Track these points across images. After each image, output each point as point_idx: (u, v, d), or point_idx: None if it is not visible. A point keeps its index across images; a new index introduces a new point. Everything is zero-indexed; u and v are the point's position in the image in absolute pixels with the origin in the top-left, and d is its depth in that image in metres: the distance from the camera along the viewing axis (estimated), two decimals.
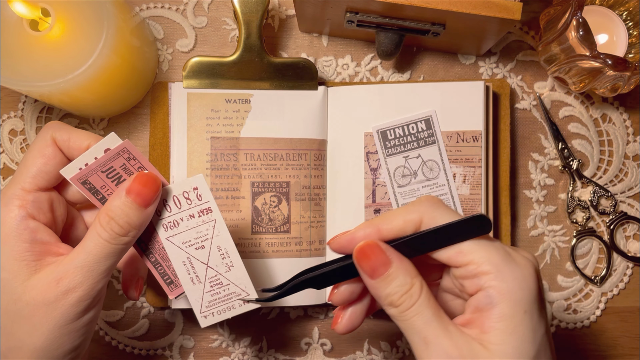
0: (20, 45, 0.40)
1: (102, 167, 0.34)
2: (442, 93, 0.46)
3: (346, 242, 0.32)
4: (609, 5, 0.48)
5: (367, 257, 0.30)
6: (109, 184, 0.34)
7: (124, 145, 0.34)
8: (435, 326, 0.29)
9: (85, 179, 0.34)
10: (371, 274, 0.30)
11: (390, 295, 0.30)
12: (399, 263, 0.30)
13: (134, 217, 0.33)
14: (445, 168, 0.46)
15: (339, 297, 0.34)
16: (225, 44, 0.51)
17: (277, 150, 0.46)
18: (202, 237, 0.36)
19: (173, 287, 0.37)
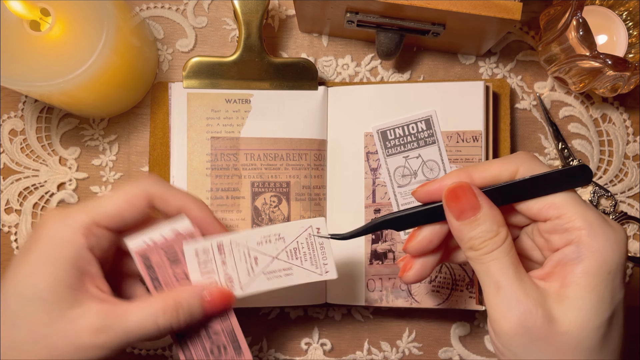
0: (20, 45, 0.40)
1: (165, 246, 0.35)
2: (442, 93, 0.46)
3: (435, 189, 0.32)
4: (609, 5, 0.48)
5: (458, 198, 0.30)
6: (165, 262, 0.35)
7: (192, 232, 0.35)
8: (510, 274, 0.29)
9: (146, 254, 0.35)
10: (458, 215, 0.30)
11: (473, 238, 0.30)
12: (488, 209, 0.30)
13: (195, 317, 0.34)
14: (445, 168, 0.46)
15: (417, 245, 0.34)
16: (225, 44, 0.51)
17: (277, 150, 0.46)
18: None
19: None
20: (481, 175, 0.31)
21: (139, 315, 0.33)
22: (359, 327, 0.50)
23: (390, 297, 0.46)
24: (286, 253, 0.36)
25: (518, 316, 0.28)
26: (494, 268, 0.30)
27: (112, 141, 0.50)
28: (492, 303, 0.30)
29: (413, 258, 0.35)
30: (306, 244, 0.36)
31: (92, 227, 0.33)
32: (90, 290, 0.33)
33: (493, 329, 0.30)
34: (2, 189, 0.49)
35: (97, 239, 0.34)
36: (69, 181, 0.49)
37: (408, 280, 0.35)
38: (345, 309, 0.50)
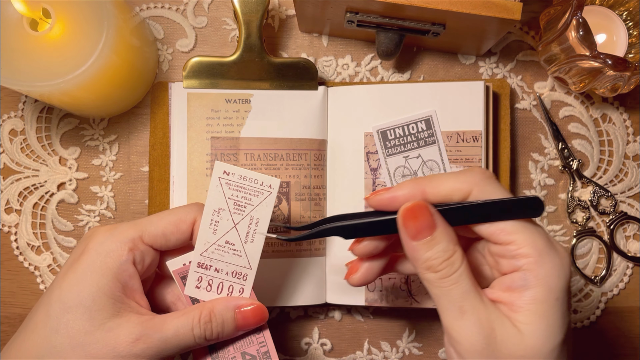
0: (20, 45, 0.40)
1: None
2: (442, 93, 0.46)
3: (387, 200, 0.32)
4: (609, 5, 0.48)
5: (415, 217, 0.30)
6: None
7: None
8: (472, 297, 0.29)
9: (185, 274, 0.36)
10: (414, 235, 0.30)
11: (430, 259, 0.30)
12: (443, 228, 0.30)
13: (226, 332, 0.35)
14: (445, 168, 0.46)
15: (363, 249, 0.34)
16: (225, 44, 0.51)
17: (277, 150, 0.46)
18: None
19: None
20: (434, 191, 0.31)
21: (176, 324, 0.33)
22: (359, 327, 0.50)
23: (390, 297, 0.46)
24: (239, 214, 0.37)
25: (484, 337, 0.29)
26: (456, 292, 0.30)
27: (112, 141, 0.50)
28: (455, 326, 0.30)
29: (360, 261, 0.35)
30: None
31: (137, 242, 0.34)
32: (130, 303, 0.34)
33: (456, 351, 0.30)
34: (2, 189, 0.49)
35: (141, 254, 0.34)
36: (69, 181, 0.49)
37: (353, 284, 0.35)
38: (345, 309, 0.50)
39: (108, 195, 0.49)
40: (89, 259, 0.33)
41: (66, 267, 0.34)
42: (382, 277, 0.46)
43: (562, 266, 0.30)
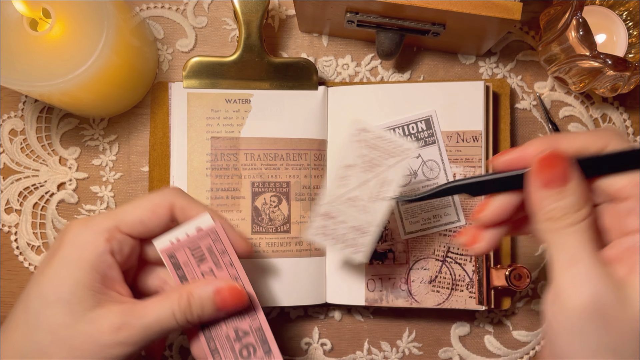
0: (20, 45, 0.40)
1: (190, 244, 0.36)
2: (442, 93, 0.46)
3: (517, 159, 0.31)
4: (609, 5, 0.48)
5: (551, 165, 0.29)
6: (191, 261, 0.36)
7: (213, 227, 0.36)
8: (587, 251, 0.28)
9: (172, 252, 0.36)
10: (546, 183, 0.29)
11: (555, 209, 0.29)
12: (578, 182, 0.29)
13: (207, 313, 0.34)
14: (445, 168, 0.46)
15: (490, 215, 0.32)
16: (226, 44, 0.51)
17: (277, 150, 0.46)
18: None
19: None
20: (569, 144, 0.30)
21: (157, 310, 0.33)
22: (359, 327, 0.50)
23: (390, 297, 0.46)
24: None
25: (593, 293, 0.27)
26: (572, 241, 0.28)
27: (112, 141, 0.50)
28: (564, 276, 0.28)
29: (479, 230, 0.34)
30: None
31: (114, 232, 0.34)
32: (110, 293, 0.34)
33: (559, 303, 0.28)
34: (2, 189, 0.49)
35: (119, 244, 0.34)
36: (69, 181, 0.49)
37: (479, 252, 0.34)
38: (345, 309, 0.50)
39: (108, 195, 0.49)
40: (65, 253, 0.33)
41: (44, 263, 0.34)
42: (382, 277, 0.46)
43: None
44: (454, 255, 0.45)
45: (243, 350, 0.36)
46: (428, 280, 0.46)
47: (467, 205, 0.46)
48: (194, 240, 0.36)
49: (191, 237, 0.36)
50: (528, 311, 0.50)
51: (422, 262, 0.46)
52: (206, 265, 0.36)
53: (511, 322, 0.50)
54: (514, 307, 0.50)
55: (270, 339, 0.36)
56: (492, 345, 0.50)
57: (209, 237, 0.36)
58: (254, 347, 0.36)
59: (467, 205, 0.46)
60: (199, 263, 0.36)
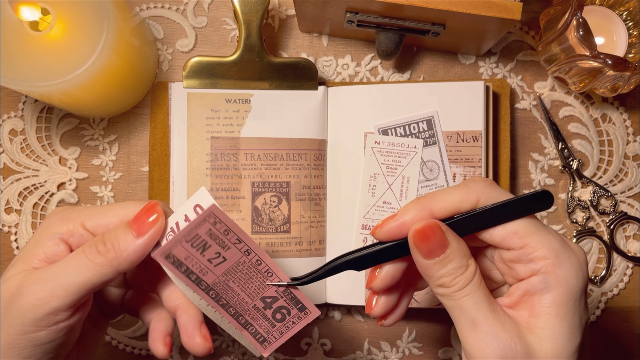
0: (20, 45, 0.40)
1: (186, 237, 0.32)
2: (442, 93, 0.46)
3: (396, 229, 0.31)
4: (609, 5, 0.48)
5: (427, 238, 0.29)
6: (193, 254, 0.33)
7: (210, 211, 0.32)
8: (485, 308, 0.29)
9: (168, 252, 0.32)
10: (427, 254, 0.30)
11: (443, 276, 0.30)
12: (456, 245, 0.30)
13: (122, 242, 0.31)
14: (445, 169, 0.46)
15: (381, 283, 0.33)
16: (226, 44, 0.51)
17: (277, 150, 0.46)
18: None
19: (267, 344, 0.36)
20: (441, 207, 0.30)
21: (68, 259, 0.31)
22: (359, 327, 0.50)
23: None
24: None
25: (498, 352, 0.28)
26: (468, 304, 0.29)
27: (112, 141, 0.50)
28: (468, 340, 0.29)
29: (374, 295, 0.34)
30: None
31: (77, 226, 0.33)
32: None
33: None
34: (2, 189, 0.49)
35: (79, 238, 0.33)
36: (69, 181, 0.49)
37: (375, 315, 0.34)
38: (345, 309, 0.50)
39: (108, 195, 0.49)
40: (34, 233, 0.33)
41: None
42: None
43: (579, 265, 0.29)
44: None
45: (276, 314, 0.35)
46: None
47: None
48: (190, 231, 0.32)
49: (186, 228, 0.32)
50: None
51: None
52: (211, 251, 0.33)
53: None
54: None
55: (301, 297, 0.35)
56: None
57: (207, 222, 0.32)
58: (287, 309, 0.35)
59: None
60: (202, 252, 0.33)
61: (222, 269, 0.34)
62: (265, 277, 0.34)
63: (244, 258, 0.34)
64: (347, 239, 0.47)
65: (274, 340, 0.36)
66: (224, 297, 0.35)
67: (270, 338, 0.36)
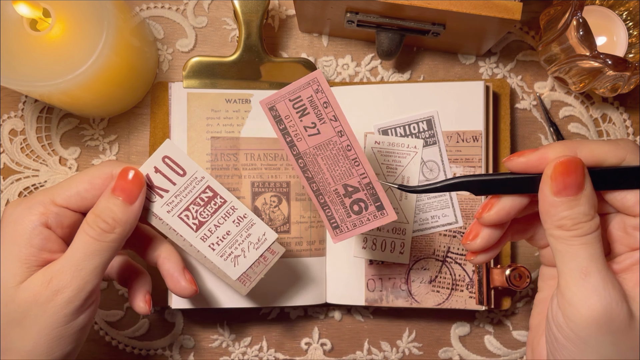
0: (20, 45, 0.40)
1: (290, 94, 0.33)
2: (442, 93, 0.46)
3: (536, 161, 0.30)
4: (609, 5, 0.48)
5: (568, 172, 0.29)
6: (292, 114, 0.34)
7: (315, 75, 0.33)
8: (599, 262, 0.28)
9: (272, 104, 0.33)
10: (560, 190, 0.29)
11: (566, 218, 0.29)
12: (590, 192, 0.29)
13: (119, 214, 0.34)
14: (445, 169, 0.46)
15: (494, 216, 0.32)
16: (226, 44, 0.51)
17: (277, 150, 0.46)
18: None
19: (338, 231, 0.35)
20: (587, 154, 0.29)
21: (73, 243, 0.33)
22: (359, 327, 0.50)
23: (390, 297, 0.46)
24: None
25: (604, 305, 0.28)
26: (584, 253, 0.28)
27: (112, 141, 0.50)
28: (573, 288, 0.28)
29: (481, 226, 0.33)
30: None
31: (49, 206, 0.34)
32: (48, 264, 0.34)
33: (568, 314, 0.29)
34: (2, 189, 0.49)
35: (55, 216, 0.34)
36: None
37: (472, 248, 0.33)
38: (345, 309, 0.50)
39: None
40: (1, 230, 0.34)
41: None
42: (382, 277, 0.46)
43: None
44: (454, 255, 0.45)
45: (354, 206, 0.35)
46: (428, 280, 0.46)
47: (466, 206, 0.46)
48: (294, 90, 0.33)
49: (291, 87, 0.33)
50: (528, 311, 0.50)
51: (422, 262, 0.46)
52: (308, 119, 0.34)
53: (511, 322, 0.50)
54: (514, 307, 0.50)
55: (382, 195, 0.34)
56: (492, 345, 0.50)
57: (310, 87, 0.33)
58: (365, 203, 0.35)
59: (466, 206, 0.46)
60: (300, 117, 0.34)
61: (315, 142, 0.34)
62: (352, 165, 0.34)
63: (337, 138, 0.34)
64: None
65: (346, 230, 0.35)
66: (310, 170, 0.34)
67: (342, 227, 0.35)
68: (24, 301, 0.32)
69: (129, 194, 0.35)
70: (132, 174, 0.35)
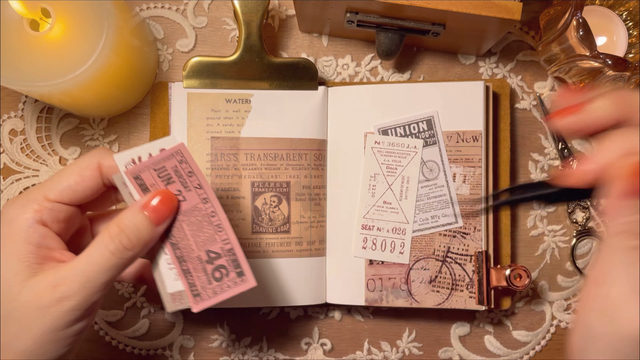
0: (20, 45, 0.40)
1: (155, 165, 0.34)
2: (442, 93, 0.46)
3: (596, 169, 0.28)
4: (609, 6, 0.48)
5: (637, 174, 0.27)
6: (158, 183, 0.34)
7: (178, 148, 0.34)
8: None
9: (137, 173, 0.34)
10: (628, 193, 0.27)
11: (629, 223, 0.27)
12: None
13: (145, 233, 0.33)
14: (445, 169, 0.46)
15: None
16: (226, 44, 0.51)
17: (277, 150, 0.46)
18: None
19: (199, 299, 0.35)
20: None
21: (89, 252, 0.32)
22: (359, 327, 0.50)
23: (390, 297, 0.46)
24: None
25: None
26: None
27: (112, 141, 0.50)
28: (628, 303, 0.27)
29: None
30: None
31: (42, 202, 0.34)
32: (49, 261, 0.33)
33: (614, 323, 0.27)
34: (2, 189, 0.49)
35: (50, 212, 0.34)
36: None
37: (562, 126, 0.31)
38: (345, 309, 0.50)
39: None
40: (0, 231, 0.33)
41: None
42: (382, 277, 0.46)
43: None
44: (454, 255, 0.45)
45: (215, 272, 0.35)
46: (428, 280, 0.46)
47: (466, 206, 0.46)
48: (158, 161, 0.34)
49: (155, 158, 0.34)
50: (528, 311, 0.50)
51: (422, 262, 0.46)
52: (174, 187, 0.34)
53: (511, 322, 0.50)
54: (514, 307, 0.50)
55: (242, 261, 0.35)
56: (492, 345, 0.50)
57: (174, 158, 0.34)
58: (227, 269, 0.35)
59: (466, 206, 0.46)
60: (166, 185, 0.34)
61: (181, 208, 0.35)
62: (216, 231, 0.35)
63: (201, 205, 0.35)
64: (347, 238, 0.47)
65: (207, 298, 0.35)
66: (176, 236, 0.35)
67: (204, 295, 0.35)
68: (27, 301, 0.32)
69: (159, 215, 0.34)
70: (167, 195, 0.34)
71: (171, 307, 0.36)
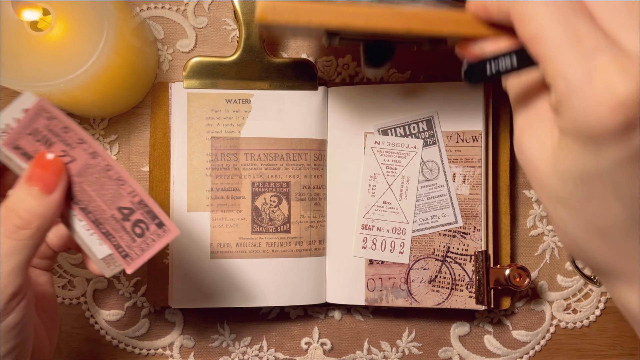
0: (20, 45, 0.40)
1: (25, 129, 0.31)
2: (442, 93, 0.46)
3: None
4: None
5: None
6: (40, 148, 0.31)
7: (39, 104, 0.30)
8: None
9: (15, 143, 0.31)
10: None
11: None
12: None
13: (37, 206, 0.30)
14: (444, 169, 0.46)
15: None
16: (226, 44, 0.51)
17: (278, 150, 0.46)
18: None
19: (129, 260, 0.33)
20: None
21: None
22: (359, 327, 0.50)
23: (390, 296, 0.46)
24: None
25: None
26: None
27: (113, 141, 0.50)
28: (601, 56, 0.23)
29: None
30: None
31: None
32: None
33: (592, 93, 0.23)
34: None
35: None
36: None
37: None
38: (345, 308, 0.50)
39: None
40: None
41: None
42: (382, 277, 0.46)
43: None
44: (453, 255, 0.46)
45: (135, 228, 0.33)
46: (428, 280, 0.46)
47: (466, 206, 0.46)
48: (26, 124, 0.31)
49: (23, 122, 0.30)
50: (528, 311, 0.50)
51: (421, 262, 0.46)
52: (57, 148, 0.31)
53: (511, 322, 0.50)
54: (514, 307, 0.50)
55: (157, 210, 0.33)
56: (491, 345, 0.50)
57: (42, 117, 0.31)
58: (145, 223, 0.33)
59: (466, 206, 0.46)
60: (48, 147, 0.31)
61: (74, 169, 0.32)
62: (118, 185, 0.32)
63: (93, 161, 0.32)
64: (347, 238, 0.47)
65: (136, 256, 0.33)
66: (83, 200, 0.32)
67: (132, 254, 0.33)
68: None
69: (46, 183, 0.30)
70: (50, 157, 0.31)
71: (108, 272, 0.34)
